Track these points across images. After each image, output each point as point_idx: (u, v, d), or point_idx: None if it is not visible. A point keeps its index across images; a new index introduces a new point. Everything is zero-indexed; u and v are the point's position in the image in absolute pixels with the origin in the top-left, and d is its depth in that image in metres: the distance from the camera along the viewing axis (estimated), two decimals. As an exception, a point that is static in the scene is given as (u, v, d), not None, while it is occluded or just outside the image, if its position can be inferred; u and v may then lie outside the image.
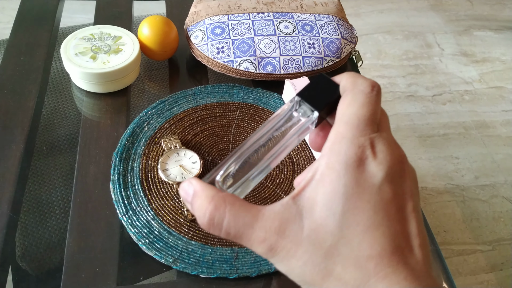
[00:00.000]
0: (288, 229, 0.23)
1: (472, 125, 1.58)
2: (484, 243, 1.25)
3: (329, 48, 0.64)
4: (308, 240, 0.23)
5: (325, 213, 0.23)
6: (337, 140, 0.24)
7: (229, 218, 0.24)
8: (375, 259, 0.22)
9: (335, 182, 0.23)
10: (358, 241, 0.22)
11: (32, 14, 0.72)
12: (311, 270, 0.23)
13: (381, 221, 0.23)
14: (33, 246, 0.52)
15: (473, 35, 1.99)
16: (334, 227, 0.23)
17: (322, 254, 0.23)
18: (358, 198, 0.23)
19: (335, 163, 0.23)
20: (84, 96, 0.61)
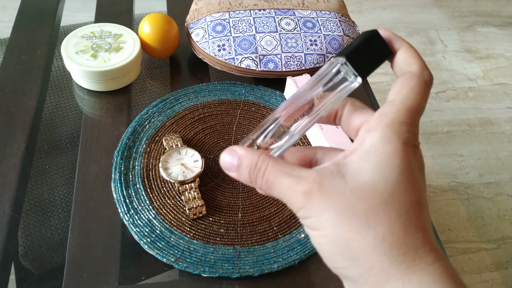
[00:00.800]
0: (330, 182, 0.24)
1: (476, 122, 1.57)
2: (489, 241, 1.24)
3: (331, 45, 0.64)
4: (352, 192, 0.23)
5: (376, 178, 0.23)
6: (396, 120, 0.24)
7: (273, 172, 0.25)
8: (423, 232, 0.23)
9: (391, 154, 0.23)
10: (406, 210, 0.23)
11: (33, 12, 0.72)
12: (348, 220, 0.23)
13: (424, 202, 0.24)
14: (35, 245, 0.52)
15: (477, 31, 1.97)
16: (384, 191, 0.23)
17: (366, 207, 0.23)
18: (411, 175, 0.23)
19: (392, 138, 0.24)
20: (85, 94, 0.60)
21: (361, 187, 0.23)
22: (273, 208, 0.51)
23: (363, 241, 0.22)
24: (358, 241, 0.23)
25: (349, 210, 0.23)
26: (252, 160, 0.25)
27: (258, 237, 0.48)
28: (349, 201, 0.23)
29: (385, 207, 0.23)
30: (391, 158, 0.23)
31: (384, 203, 0.23)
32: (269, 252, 0.47)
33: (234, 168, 0.26)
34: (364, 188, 0.23)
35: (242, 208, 0.50)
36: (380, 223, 0.22)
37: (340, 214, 0.23)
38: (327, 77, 0.27)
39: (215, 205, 0.50)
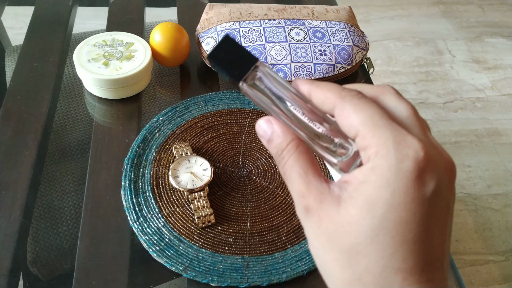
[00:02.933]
0: (328, 206, 0.23)
1: (484, 133, 1.56)
2: (497, 253, 1.23)
3: (341, 55, 0.64)
4: (341, 225, 0.23)
5: (364, 214, 0.22)
6: (383, 147, 0.22)
7: (289, 170, 0.25)
8: (404, 273, 0.22)
9: (381, 187, 0.22)
10: (392, 251, 0.22)
11: (45, 20, 0.73)
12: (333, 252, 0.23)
13: (421, 236, 0.22)
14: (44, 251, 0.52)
15: (485, 41, 1.97)
16: (369, 229, 0.22)
17: (351, 244, 0.22)
18: (404, 208, 0.21)
19: (383, 168, 0.22)
20: (96, 102, 0.61)
21: (350, 220, 0.22)
22: (282, 217, 0.51)
23: (343, 275, 0.23)
24: (338, 273, 0.23)
25: (336, 241, 0.23)
26: (280, 145, 0.25)
27: (267, 247, 0.48)
28: (337, 233, 0.23)
29: (368, 247, 0.22)
30: (381, 192, 0.22)
31: (367, 242, 0.22)
32: (277, 262, 0.47)
33: (265, 139, 0.26)
34: (352, 222, 0.22)
35: (250, 217, 0.50)
36: (360, 263, 0.22)
37: (328, 242, 0.23)
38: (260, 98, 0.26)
39: (224, 214, 0.50)
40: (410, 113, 0.24)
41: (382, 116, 0.23)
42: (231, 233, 0.49)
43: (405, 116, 0.24)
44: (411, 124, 0.24)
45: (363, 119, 0.23)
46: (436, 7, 2.14)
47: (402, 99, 0.25)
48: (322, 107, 0.25)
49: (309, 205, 0.24)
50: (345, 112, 0.24)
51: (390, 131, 0.22)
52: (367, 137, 0.23)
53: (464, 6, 2.17)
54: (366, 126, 0.23)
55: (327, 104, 0.25)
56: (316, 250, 0.24)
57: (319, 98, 0.25)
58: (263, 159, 0.56)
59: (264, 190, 0.53)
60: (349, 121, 0.23)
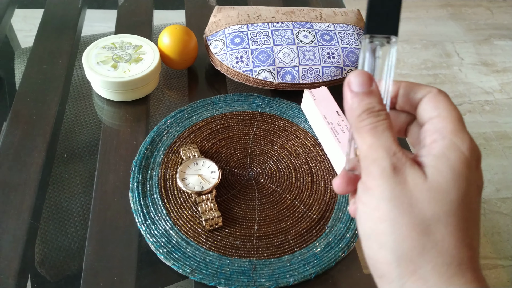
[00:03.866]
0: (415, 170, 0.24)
1: (493, 136, 1.55)
2: (506, 258, 1.21)
3: (349, 57, 0.64)
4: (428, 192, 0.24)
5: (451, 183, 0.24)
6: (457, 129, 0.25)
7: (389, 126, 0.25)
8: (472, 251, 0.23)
9: (462, 162, 0.24)
10: (466, 227, 0.23)
11: (55, 23, 0.74)
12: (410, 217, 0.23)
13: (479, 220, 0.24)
14: (52, 253, 0.52)
15: (494, 44, 1.96)
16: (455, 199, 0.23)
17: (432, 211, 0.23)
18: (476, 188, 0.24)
19: (461, 146, 0.24)
20: (105, 104, 0.61)
21: (437, 188, 0.23)
22: (290, 220, 0.50)
23: (415, 242, 0.23)
24: (410, 240, 0.23)
25: (418, 207, 0.23)
26: (379, 105, 0.26)
27: (274, 250, 0.48)
28: (422, 199, 0.23)
29: (448, 218, 0.23)
30: (462, 166, 0.24)
31: (450, 213, 0.23)
32: (285, 265, 0.47)
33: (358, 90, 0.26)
34: (439, 191, 0.23)
35: (258, 220, 0.50)
36: (438, 231, 0.23)
37: (409, 206, 0.23)
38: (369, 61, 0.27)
39: (231, 216, 0.50)
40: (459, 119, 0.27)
41: (460, 116, 0.26)
42: (239, 236, 0.48)
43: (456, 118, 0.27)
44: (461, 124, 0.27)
45: (450, 109, 0.26)
46: (444, 10, 2.13)
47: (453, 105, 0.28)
48: (414, 94, 0.28)
49: (398, 165, 0.24)
50: (438, 99, 0.26)
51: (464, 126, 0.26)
52: (446, 120, 0.25)
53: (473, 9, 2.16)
54: (451, 112, 0.26)
55: (419, 92, 0.27)
56: (385, 213, 0.24)
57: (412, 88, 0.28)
58: (271, 162, 0.56)
59: (272, 193, 0.53)
60: (439, 105, 0.26)
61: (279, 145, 0.58)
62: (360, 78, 0.26)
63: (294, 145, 0.58)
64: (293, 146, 0.58)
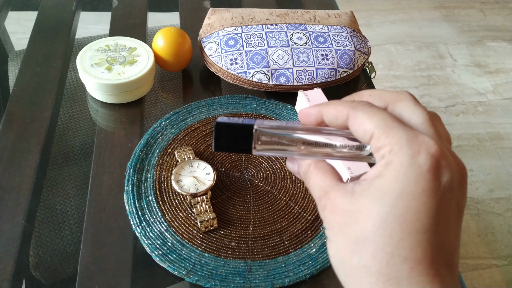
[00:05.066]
0: (341, 200, 0.25)
1: (486, 137, 1.56)
2: (499, 258, 1.22)
3: (343, 59, 0.64)
4: (351, 214, 0.24)
5: (374, 202, 0.23)
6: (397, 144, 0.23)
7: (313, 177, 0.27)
8: (412, 263, 0.22)
9: (392, 178, 0.23)
10: (399, 239, 0.22)
11: (48, 25, 0.74)
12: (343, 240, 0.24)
13: (430, 227, 0.22)
14: (47, 256, 0.52)
15: (486, 45, 1.97)
16: (378, 215, 0.22)
17: (359, 231, 0.23)
18: (413, 198, 0.22)
19: (395, 163, 0.23)
20: (99, 106, 0.61)
21: (360, 209, 0.23)
22: (284, 222, 0.51)
23: (351, 262, 0.23)
24: (347, 260, 0.24)
25: (347, 228, 0.24)
26: (304, 170, 0.28)
27: (269, 251, 0.48)
28: (348, 221, 0.24)
29: (375, 233, 0.22)
30: (392, 183, 0.22)
31: (375, 229, 0.22)
32: (280, 266, 0.47)
33: (297, 174, 0.30)
34: (362, 211, 0.23)
35: (253, 222, 0.50)
36: (366, 249, 0.23)
37: (340, 231, 0.24)
38: None
39: (227, 218, 0.50)
40: (425, 119, 0.25)
41: (394, 119, 0.24)
42: (234, 237, 0.49)
43: (420, 122, 0.25)
44: (426, 128, 0.24)
45: (376, 122, 0.24)
46: (438, 11, 2.15)
47: (418, 106, 0.25)
48: (336, 121, 0.26)
49: (325, 203, 0.25)
50: (358, 119, 0.25)
51: (403, 131, 0.23)
52: (381, 138, 0.24)
53: (466, 10, 2.17)
54: (379, 128, 0.24)
55: (340, 117, 0.26)
56: (330, 242, 0.25)
57: (332, 114, 0.26)
58: (266, 164, 0.56)
59: (267, 194, 0.53)
60: (363, 126, 0.24)
61: (274, 147, 0.58)
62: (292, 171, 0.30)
63: (288, 146, 0.58)
64: (288, 148, 0.58)
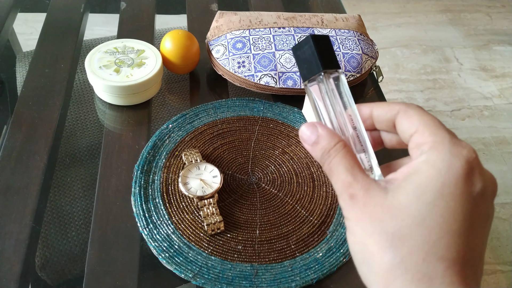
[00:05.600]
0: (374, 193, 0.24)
1: (492, 141, 1.55)
2: (505, 263, 1.22)
3: (350, 63, 0.64)
4: (388, 209, 0.24)
5: (413, 199, 0.23)
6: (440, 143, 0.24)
7: (337, 164, 0.26)
8: (447, 262, 0.22)
9: (433, 176, 0.23)
10: (437, 238, 0.22)
11: (57, 27, 0.74)
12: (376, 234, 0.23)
13: (465, 230, 0.23)
14: (54, 257, 0.52)
15: (493, 49, 1.97)
16: (418, 213, 0.23)
17: (396, 226, 0.23)
18: (453, 199, 0.23)
19: (436, 160, 0.23)
20: (107, 108, 0.61)
21: (398, 205, 0.23)
22: (291, 225, 0.51)
23: (383, 258, 0.23)
24: (379, 257, 0.23)
25: (380, 225, 0.23)
26: (328, 144, 0.27)
27: (276, 255, 0.48)
28: (383, 216, 0.23)
29: (414, 230, 0.23)
30: (432, 181, 0.23)
31: (413, 226, 0.23)
32: (286, 270, 0.47)
33: (310, 142, 0.28)
34: (400, 208, 0.23)
35: (259, 225, 0.50)
36: (403, 245, 0.23)
37: (371, 226, 0.24)
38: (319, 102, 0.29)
39: (233, 221, 0.50)
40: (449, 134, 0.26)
41: (440, 123, 0.26)
42: (240, 240, 0.49)
43: None
44: None
45: (425, 121, 0.25)
46: (444, 15, 2.14)
47: None
48: (384, 115, 0.27)
49: (355, 192, 0.25)
50: (409, 114, 0.26)
51: (447, 133, 0.25)
52: (425, 134, 0.25)
53: (472, 14, 2.17)
54: (426, 125, 0.25)
55: (390, 111, 0.27)
56: (357, 236, 0.25)
57: (383, 108, 0.28)
58: (272, 167, 0.56)
59: (273, 197, 0.53)
60: (412, 120, 0.26)
61: (281, 150, 0.58)
62: (306, 133, 0.28)
63: (295, 150, 0.58)
64: (295, 151, 0.58)
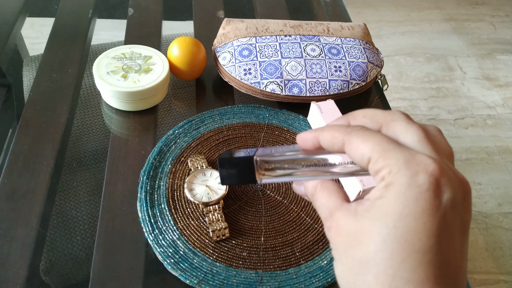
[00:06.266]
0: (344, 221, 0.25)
1: (495, 151, 1.55)
2: (507, 273, 1.21)
3: (355, 71, 0.65)
4: (354, 236, 0.24)
5: (375, 222, 0.23)
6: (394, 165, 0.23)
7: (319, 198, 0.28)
8: (415, 284, 0.21)
9: (392, 199, 0.23)
10: (400, 260, 0.22)
11: (65, 32, 0.75)
12: (348, 262, 0.24)
13: (432, 248, 0.22)
14: (59, 261, 0.53)
15: (496, 59, 1.97)
16: (379, 237, 0.22)
17: (361, 253, 0.23)
18: (413, 218, 0.22)
19: (395, 184, 0.23)
20: (114, 113, 0.62)
21: (362, 230, 0.23)
22: (296, 233, 0.51)
23: (355, 284, 0.23)
24: (352, 283, 0.24)
25: (350, 251, 0.24)
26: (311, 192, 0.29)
27: (281, 262, 0.48)
28: (352, 243, 0.24)
29: (376, 255, 0.22)
30: (392, 204, 0.22)
31: (376, 250, 0.22)
32: (291, 278, 0.47)
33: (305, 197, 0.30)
34: (363, 232, 0.23)
35: (264, 232, 0.50)
36: (369, 271, 0.23)
37: (344, 253, 0.24)
38: None
39: (238, 228, 0.50)
40: (420, 137, 0.25)
41: (390, 141, 0.24)
42: (245, 247, 0.49)
43: (416, 139, 0.25)
44: (422, 146, 0.24)
45: (372, 146, 0.24)
46: (448, 24, 2.15)
47: (412, 124, 0.25)
48: (332, 147, 0.26)
49: (330, 224, 0.26)
50: (354, 145, 0.25)
51: (399, 152, 0.23)
52: (378, 161, 0.24)
53: (476, 23, 2.17)
54: (375, 151, 0.24)
55: (336, 143, 0.26)
56: (336, 262, 0.25)
57: (327, 139, 0.27)
58: (278, 174, 0.56)
59: (278, 205, 0.53)
60: (360, 151, 0.24)
61: (286, 157, 0.58)
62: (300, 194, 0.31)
63: (300, 157, 0.58)
64: (300, 159, 0.58)
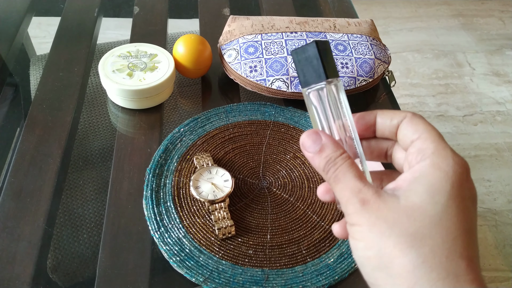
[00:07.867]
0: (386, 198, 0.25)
1: (505, 147, 1.54)
2: (518, 271, 1.20)
3: (362, 68, 0.64)
4: (404, 211, 0.24)
5: (427, 200, 0.24)
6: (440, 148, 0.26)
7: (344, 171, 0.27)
8: (467, 260, 0.23)
9: (441, 178, 0.24)
10: (455, 236, 0.23)
11: (71, 31, 0.75)
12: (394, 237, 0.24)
13: (473, 230, 0.24)
14: (66, 259, 0.53)
15: (505, 54, 1.95)
16: (434, 214, 0.24)
17: (415, 227, 0.23)
18: (462, 202, 0.24)
19: (442, 164, 0.25)
20: (119, 112, 0.62)
21: (412, 207, 0.24)
22: (302, 230, 0.50)
23: (405, 259, 0.23)
24: (400, 258, 0.23)
25: (398, 227, 0.24)
26: (334, 153, 0.27)
27: (287, 260, 0.48)
28: (399, 219, 0.24)
29: (432, 230, 0.23)
30: (442, 183, 0.24)
31: (432, 225, 0.23)
32: (297, 275, 0.46)
33: (312, 150, 0.28)
34: (415, 209, 0.24)
35: (270, 230, 0.50)
36: (424, 245, 0.23)
37: (388, 229, 0.24)
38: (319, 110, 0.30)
39: (244, 225, 0.50)
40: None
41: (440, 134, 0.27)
42: (251, 245, 0.48)
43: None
44: None
45: (429, 129, 0.27)
46: (456, 20, 2.13)
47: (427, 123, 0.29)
48: (390, 121, 0.29)
49: (366, 197, 0.25)
50: (414, 121, 0.28)
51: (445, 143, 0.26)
52: (428, 141, 0.26)
53: (485, 19, 2.15)
54: (430, 133, 0.27)
55: (395, 117, 0.29)
56: (370, 241, 0.25)
57: (388, 115, 0.29)
58: (284, 171, 0.56)
59: (285, 202, 0.53)
60: (417, 127, 0.27)
61: (292, 155, 0.58)
62: (309, 140, 0.28)
63: (307, 154, 0.58)
64: (306, 156, 0.58)
